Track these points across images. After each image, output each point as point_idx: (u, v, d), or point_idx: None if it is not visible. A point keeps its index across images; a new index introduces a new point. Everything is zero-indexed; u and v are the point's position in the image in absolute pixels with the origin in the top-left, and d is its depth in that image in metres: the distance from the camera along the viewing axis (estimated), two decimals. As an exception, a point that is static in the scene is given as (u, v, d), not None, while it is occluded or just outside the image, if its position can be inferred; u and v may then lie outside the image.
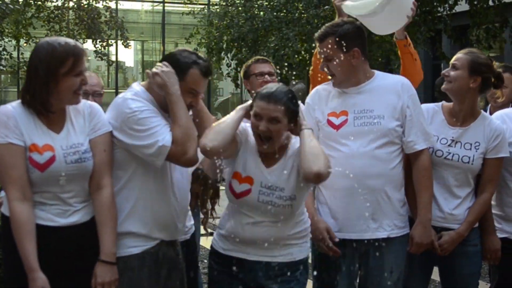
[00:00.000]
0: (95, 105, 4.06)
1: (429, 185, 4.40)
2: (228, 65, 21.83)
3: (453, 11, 13.09)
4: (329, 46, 4.35)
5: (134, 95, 3.96)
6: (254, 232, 4.09)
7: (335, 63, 4.37)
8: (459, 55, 4.61)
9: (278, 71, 5.50)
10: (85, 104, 4.01)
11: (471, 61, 4.55)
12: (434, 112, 4.65)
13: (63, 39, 3.86)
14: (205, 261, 8.93)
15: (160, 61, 4.03)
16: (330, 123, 4.39)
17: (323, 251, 4.33)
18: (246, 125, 4.16)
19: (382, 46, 16.12)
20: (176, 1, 29.96)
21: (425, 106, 4.64)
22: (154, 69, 3.93)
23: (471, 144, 4.55)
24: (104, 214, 3.89)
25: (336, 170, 4.21)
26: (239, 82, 21.53)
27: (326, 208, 4.42)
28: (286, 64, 19.09)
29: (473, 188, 4.63)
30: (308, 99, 4.56)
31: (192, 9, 23.21)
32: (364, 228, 4.34)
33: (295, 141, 4.14)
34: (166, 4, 31.34)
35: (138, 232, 3.98)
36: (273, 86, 4.10)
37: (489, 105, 5.77)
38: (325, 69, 4.44)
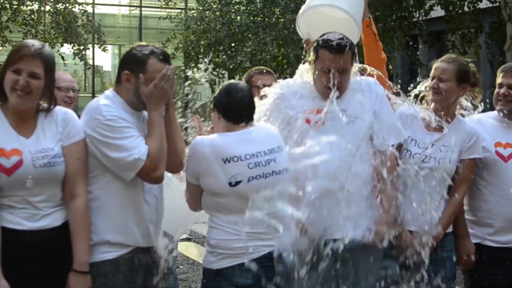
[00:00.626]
0: (70, 112, 4.04)
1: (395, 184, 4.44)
2: (205, 70, 21.81)
3: (429, 16, 13.16)
4: (347, 58, 4.35)
5: (106, 98, 3.95)
6: None
7: (346, 75, 4.39)
8: (443, 65, 4.63)
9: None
10: (60, 110, 3.99)
11: (458, 71, 4.60)
12: (412, 116, 4.66)
13: (28, 41, 3.90)
14: (181, 267, 8.93)
15: (121, 64, 4.03)
16: (307, 121, 4.38)
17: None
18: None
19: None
20: (153, 6, 29.93)
21: (401, 109, 4.66)
22: (158, 81, 3.90)
23: (447, 147, 4.60)
24: (77, 223, 3.87)
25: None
26: (216, 86, 21.53)
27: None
28: (263, 68, 19.10)
29: (447, 191, 4.67)
30: (280, 97, 4.50)
31: (169, 14, 23.17)
32: (343, 228, 4.34)
33: None
34: (143, 9, 31.31)
35: (112, 241, 3.95)
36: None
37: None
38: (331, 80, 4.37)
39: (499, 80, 4.83)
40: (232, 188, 4.03)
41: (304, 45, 4.78)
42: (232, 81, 4.39)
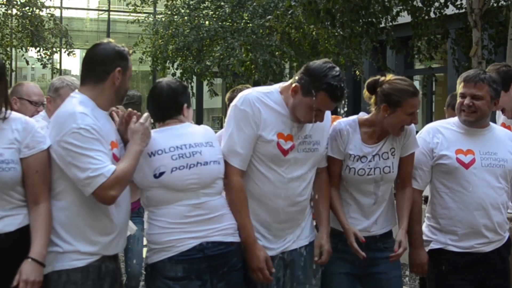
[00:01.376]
0: (31, 121, 3.98)
1: (329, 198, 4.56)
2: (173, 75, 21.76)
3: (396, 22, 13.20)
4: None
5: (81, 104, 3.91)
6: None
7: None
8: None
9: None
10: (20, 119, 3.93)
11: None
12: (351, 131, 4.63)
13: None
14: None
15: (108, 61, 4.03)
16: (279, 146, 4.31)
17: (254, 278, 4.28)
18: None
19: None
20: (121, 10, 29.82)
21: (339, 126, 4.63)
22: (145, 120, 4.07)
23: (387, 153, 4.58)
24: (39, 223, 3.82)
25: (272, 192, 4.31)
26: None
27: (260, 227, 4.39)
28: (231, 73, 19.13)
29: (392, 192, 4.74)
30: (248, 109, 4.30)
31: (137, 18, 23.10)
32: (292, 238, 4.45)
33: None
34: (111, 13, 31.17)
35: (82, 250, 3.90)
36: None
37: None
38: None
39: (460, 89, 4.78)
40: (156, 179, 4.11)
41: None
42: (159, 80, 4.51)
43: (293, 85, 4.25)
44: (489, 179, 4.71)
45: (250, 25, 18.41)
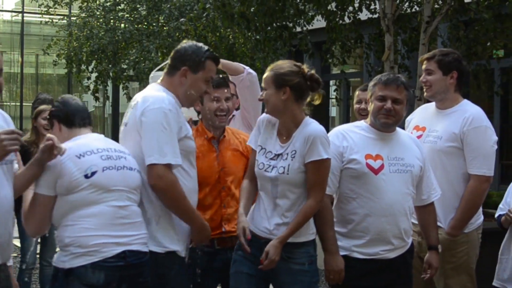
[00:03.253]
0: None
1: None
2: (88, 78, 21.44)
3: (312, 27, 13.20)
4: None
5: None
6: None
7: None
8: (264, 75, 4.54)
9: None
10: None
11: (273, 76, 4.49)
12: (270, 125, 4.57)
13: None
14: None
15: None
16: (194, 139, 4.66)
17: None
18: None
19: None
20: (36, 12, 29.34)
21: (265, 115, 4.59)
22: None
23: (287, 154, 4.46)
24: None
25: (194, 187, 4.49)
26: (98, 95, 21.16)
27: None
28: (147, 77, 18.94)
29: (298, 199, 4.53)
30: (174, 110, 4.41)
31: (51, 19, 22.71)
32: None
33: None
34: (25, 14, 30.63)
35: None
36: None
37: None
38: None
39: (379, 92, 4.68)
40: (88, 179, 4.07)
41: None
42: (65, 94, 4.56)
43: (181, 69, 4.47)
44: (397, 185, 4.67)
45: (166, 28, 18.25)
